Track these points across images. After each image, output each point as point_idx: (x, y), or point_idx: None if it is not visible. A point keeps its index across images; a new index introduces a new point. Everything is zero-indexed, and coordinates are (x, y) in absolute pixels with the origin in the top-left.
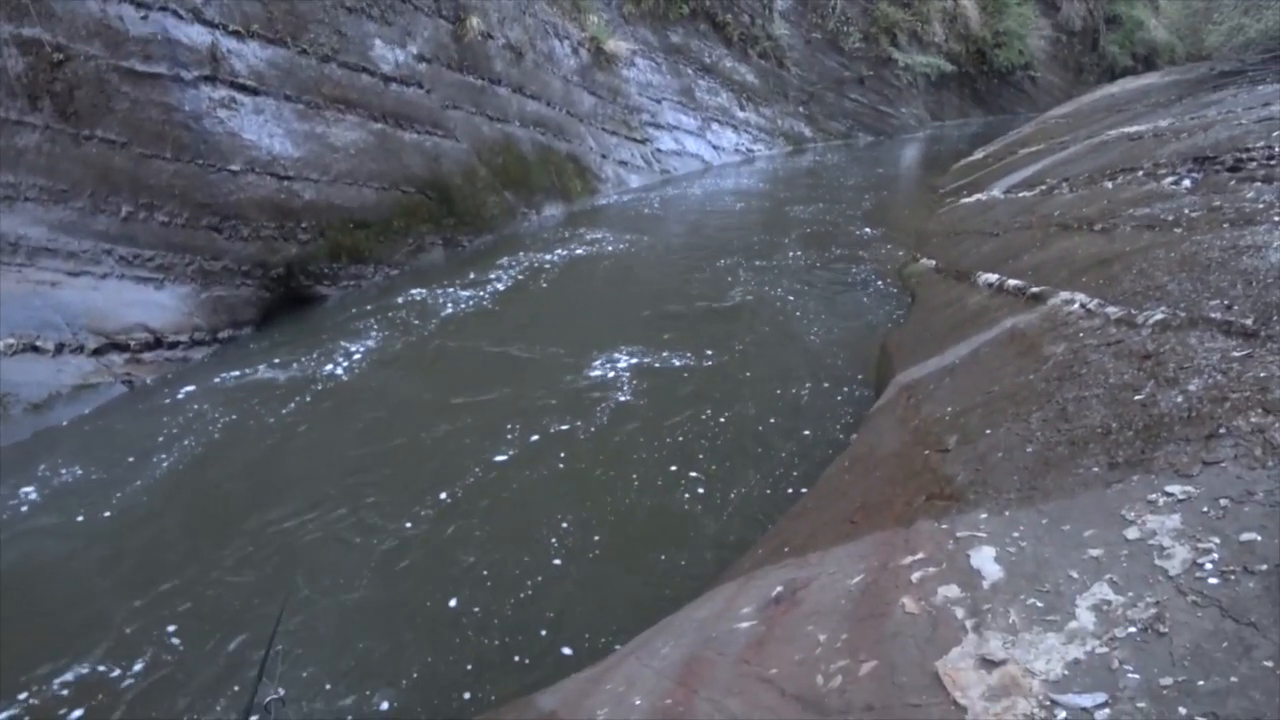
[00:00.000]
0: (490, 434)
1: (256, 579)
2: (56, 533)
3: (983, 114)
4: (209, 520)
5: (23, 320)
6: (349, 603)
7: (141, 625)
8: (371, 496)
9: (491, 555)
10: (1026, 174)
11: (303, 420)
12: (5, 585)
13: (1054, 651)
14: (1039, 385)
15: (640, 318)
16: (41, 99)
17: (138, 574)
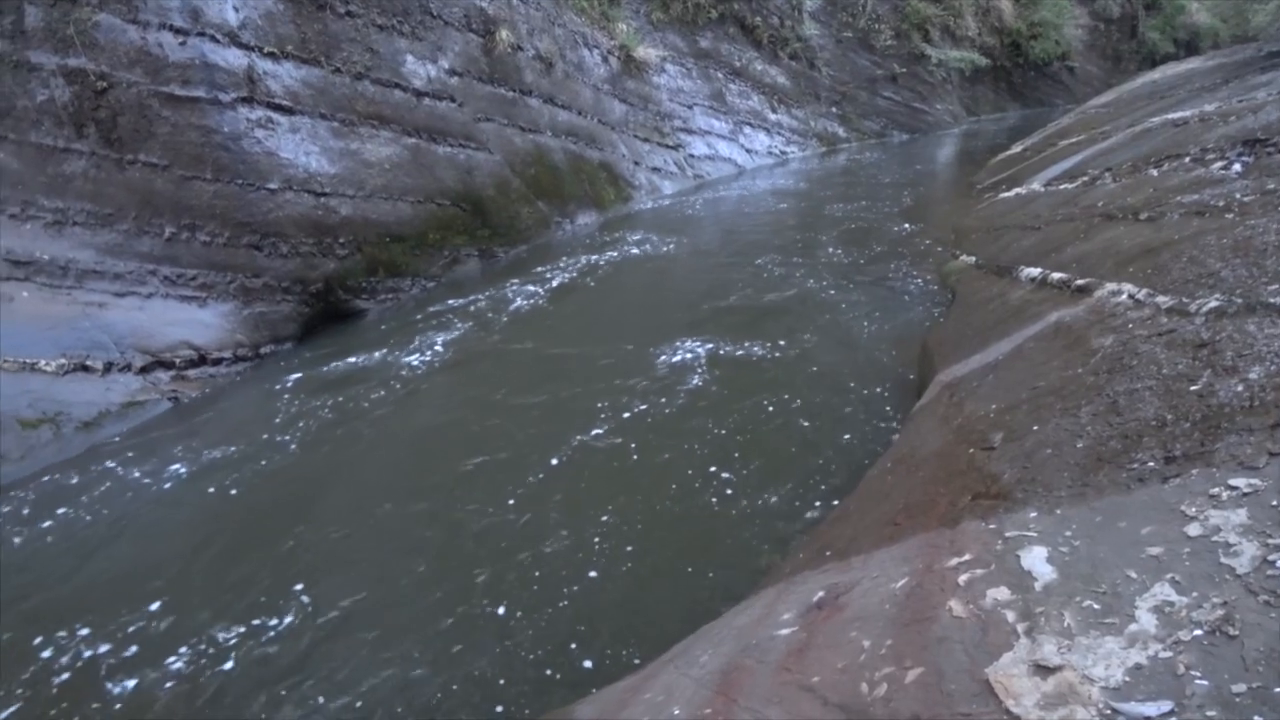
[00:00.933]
0: (531, 439)
1: (298, 583)
2: (103, 543)
3: (1019, 107)
4: (254, 529)
5: (73, 341)
6: (390, 606)
7: (183, 630)
8: (414, 504)
9: (532, 561)
10: (1067, 165)
11: (346, 430)
12: (54, 588)
13: (1114, 656)
14: (1087, 379)
15: (678, 320)
16: (87, 126)
17: (179, 582)
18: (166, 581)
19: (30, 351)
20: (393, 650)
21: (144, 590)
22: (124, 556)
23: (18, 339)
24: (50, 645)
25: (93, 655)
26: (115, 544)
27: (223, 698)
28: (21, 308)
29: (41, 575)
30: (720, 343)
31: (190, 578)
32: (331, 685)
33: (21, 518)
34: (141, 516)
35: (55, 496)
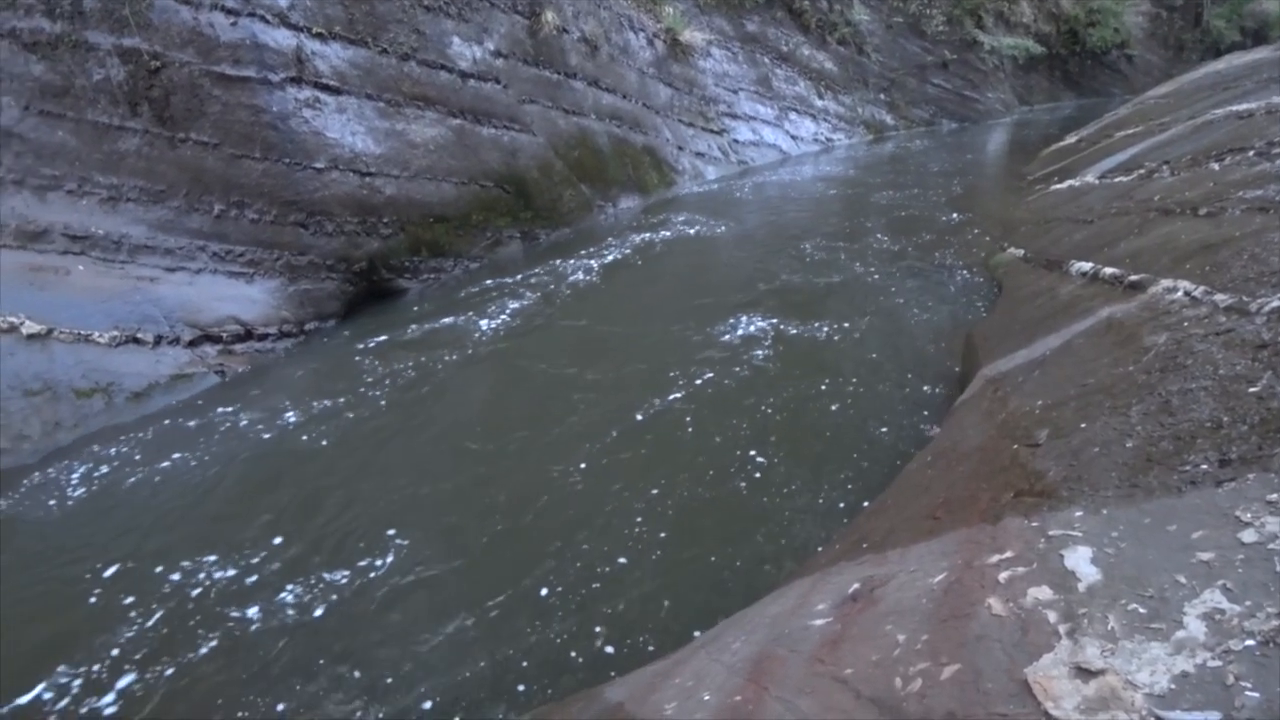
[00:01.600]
0: (574, 417)
1: (343, 551)
2: (153, 509)
3: (1074, 97)
4: (303, 496)
5: (125, 314)
6: (424, 582)
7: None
8: (454, 480)
9: (572, 538)
10: (1123, 158)
11: (391, 405)
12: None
13: (1159, 663)
14: (1139, 377)
15: (721, 304)
16: (140, 105)
17: (229, 555)
18: (231, 534)
19: (84, 323)
20: (423, 624)
21: (208, 542)
22: (181, 516)
23: (73, 311)
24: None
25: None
26: (169, 503)
27: (268, 657)
28: (77, 281)
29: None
30: (763, 327)
31: (247, 536)
32: (376, 650)
33: (83, 478)
34: (188, 482)
35: (120, 456)
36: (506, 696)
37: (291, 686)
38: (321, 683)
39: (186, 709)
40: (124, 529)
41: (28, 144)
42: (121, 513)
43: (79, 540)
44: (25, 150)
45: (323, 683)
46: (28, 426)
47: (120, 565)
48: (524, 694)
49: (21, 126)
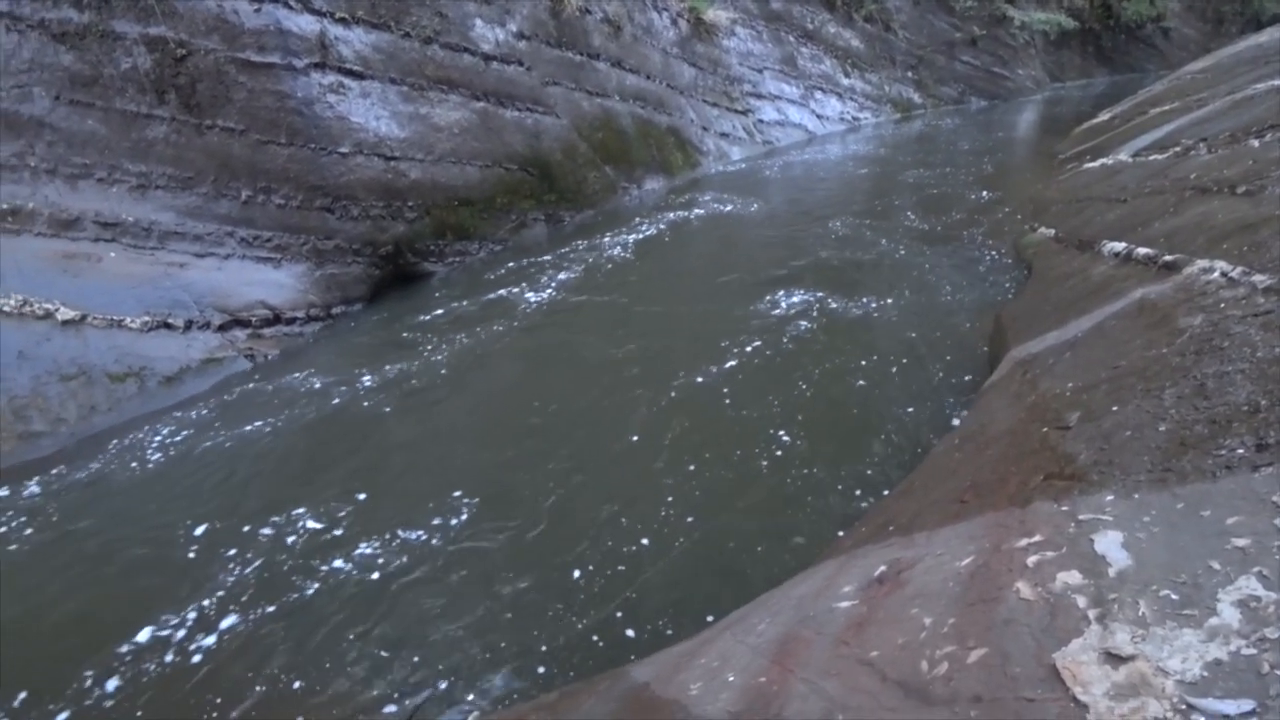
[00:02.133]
0: (601, 397)
1: (376, 525)
2: (223, 476)
3: (1108, 73)
4: (352, 467)
5: (156, 300)
6: (453, 560)
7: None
8: (480, 462)
9: (600, 516)
10: (1158, 135)
11: (419, 385)
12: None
13: (1191, 650)
14: (1173, 360)
15: (746, 285)
16: (167, 93)
17: (306, 514)
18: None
19: (117, 309)
20: (453, 602)
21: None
22: (203, 495)
23: (105, 297)
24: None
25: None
26: (239, 471)
27: (330, 613)
28: (109, 267)
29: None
30: (790, 307)
31: (320, 497)
32: (411, 621)
33: (158, 447)
34: (220, 463)
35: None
36: (534, 672)
37: (348, 641)
38: (376, 639)
39: (273, 652)
40: (202, 493)
41: (59, 133)
42: (197, 479)
43: (163, 502)
44: (56, 139)
45: (377, 639)
46: (64, 410)
47: (209, 524)
48: (552, 670)
49: (53, 116)
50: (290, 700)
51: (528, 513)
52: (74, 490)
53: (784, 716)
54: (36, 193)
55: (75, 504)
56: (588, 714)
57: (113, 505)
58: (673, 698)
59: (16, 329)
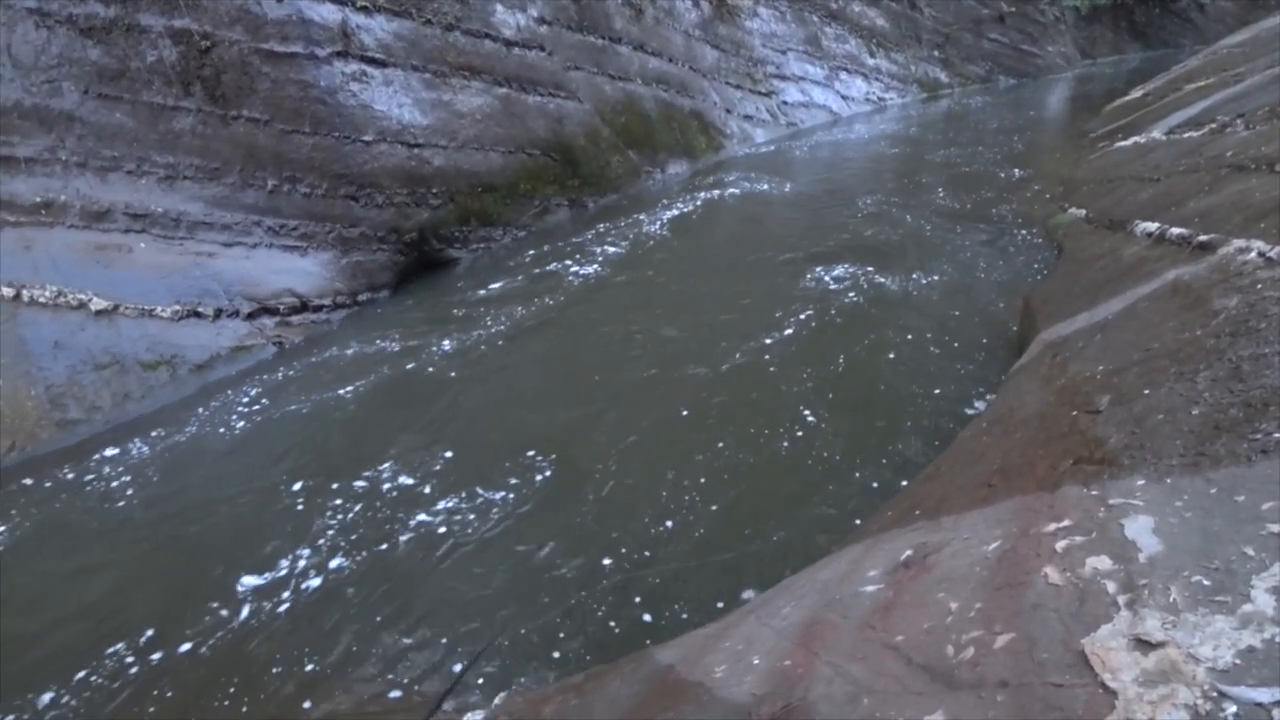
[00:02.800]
0: (628, 378)
1: (407, 505)
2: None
3: (1140, 49)
4: (366, 455)
5: (185, 289)
6: (481, 543)
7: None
8: (508, 443)
9: (625, 502)
10: (1193, 112)
11: (445, 371)
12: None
13: (1223, 636)
14: (1207, 342)
15: (772, 266)
16: (193, 84)
17: (292, 507)
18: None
19: (148, 298)
20: (480, 583)
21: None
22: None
23: (136, 287)
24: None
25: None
26: (310, 438)
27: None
28: (139, 258)
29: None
30: (817, 289)
31: (388, 462)
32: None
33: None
34: (257, 445)
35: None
36: (552, 658)
37: (381, 621)
38: (412, 617)
39: (299, 633)
40: (275, 458)
41: (88, 127)
42: (270, 445)
43: (243, 466)
44: (86, 133)
45: (413, 617)
46: (99, 398)
47: (302, 481)
48: (574, 656)
49: (82, 110)
50: (322, 680)
51: (559, 490)
52: (150, 462)
53: (809, 699)
54: (68, 185)
55: (150, 477)
56: (613, 695)
57: (185, 479)
58: (697, 680)
59: (52, 319)
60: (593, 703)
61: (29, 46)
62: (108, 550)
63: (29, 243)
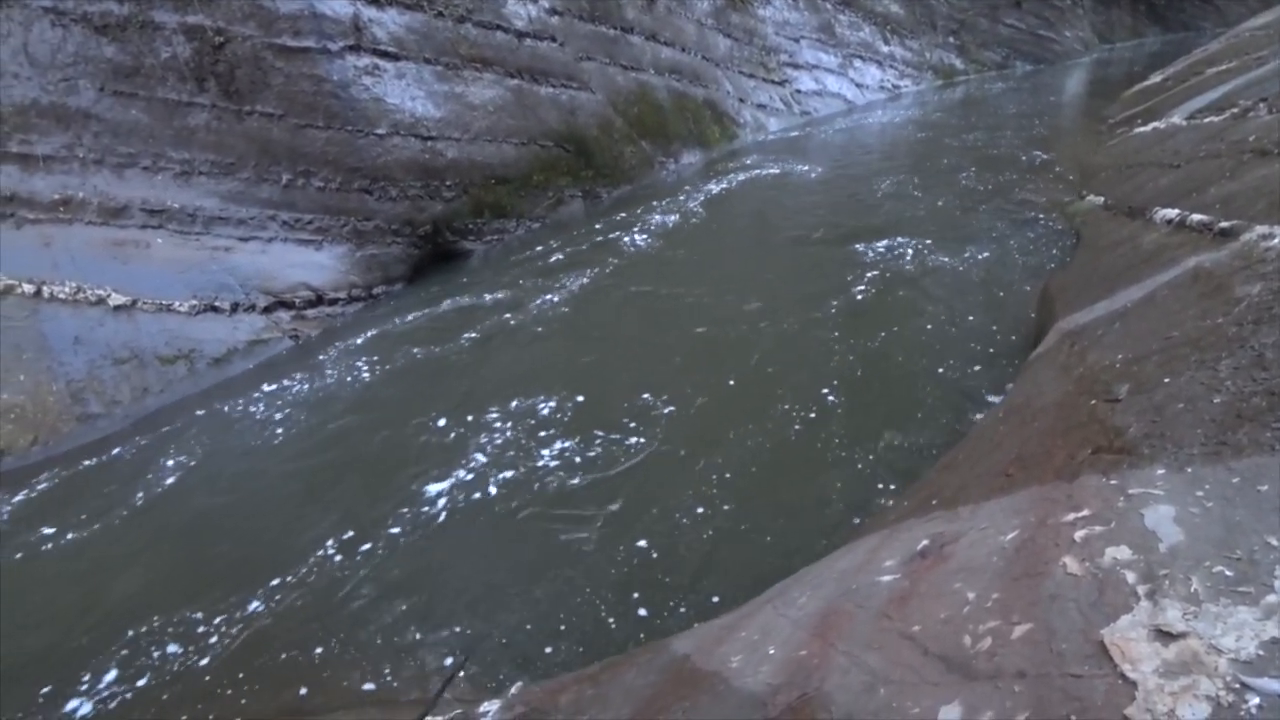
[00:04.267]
0: (637, 373)
1: (427, 493)
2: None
3: (1160, 32)
4: (379, 445)
5: (202, 283)
6: (496, 534)
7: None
8: (524, 429)
9: (634, 497)
10: (1214, 96)
11: (460, 362)
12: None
13: (1246, 628)
14: (1229, 330)
15: (787, 254)
16: (207, 80)
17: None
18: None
19: (165, 294)
20: (492, 569)
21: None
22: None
23: (154, 282)
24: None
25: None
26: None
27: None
28: (157, 253)
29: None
30: (832, 277)
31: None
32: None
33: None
34: (274, 439)
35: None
36: (565, 648)
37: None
38: (432, 604)
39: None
40: (293, 451)
41: (105, 124)
42: (287, 438)
43: (261, 460)
44: (103, 130)
45: (433, 605)
46: (119, 393)
47: (321, 472)
48: (588, 646)
49: (98, 107)
50: (336, 668)
51: (579, 473)
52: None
53: (825, 689)
54: (85, 182)
55: (169, 471)
56: (629, 685)
57: (204, 473)
58: (713, 670)
59: (72, 315)
60: (609, 692)
61: (45, 45)
62: (127, 544)
63: (48, 239)
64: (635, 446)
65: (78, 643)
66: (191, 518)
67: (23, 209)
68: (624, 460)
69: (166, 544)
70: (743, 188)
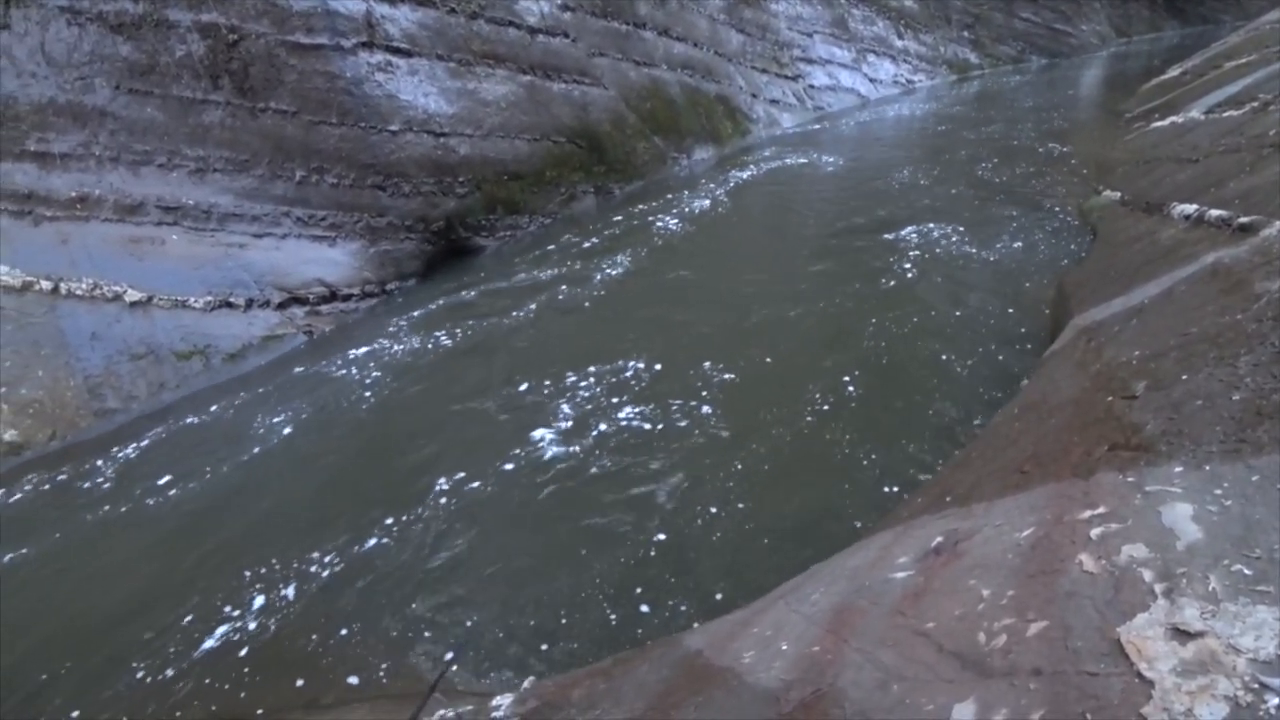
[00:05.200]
0: (650, 364)
1: (441, 481)
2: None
3: (1179, 26)
4: (393, 436)
5: (218, 280)
6: (505, 526)
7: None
8: (539, 422)
9: (645, 488)
10: (1234, 90)
11: (475, 356)
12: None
13: (1265, 627)
14: (1248, 326)
15: (803, 249)
16: (221, 78)
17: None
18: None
19: (181, 290)
20: (508, 561)
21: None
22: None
23: (170, 278)
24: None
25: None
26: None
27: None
28: (172, 249)
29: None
30: (846, 278)
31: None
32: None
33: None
34: (291, 429)
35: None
36: (582, 641)
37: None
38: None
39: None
40: (308, 445)
41: (120, 122)
42: (301, 432)
43: (275, 452)
44: (119, 128)
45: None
46: (135, 388)
47: (337, 463)
48: (603, 641)
49: (114, 105)
50: (346, 655)
51: (593, 469)
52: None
53: (838, 686)
54: (102, 180)
55: (184, 466)
56: (641, 680)
57: (218, 467)
58: (726, 665)
59: (89, 311)
60: (621, 687)
61: (61, 44)
62: (139, 538)
63: (65, 236)
64: (650, 437)
65: (84, 633)
66: (206, 511)
67: (40, 206)
68: (639, 453)
69: (179, 537)
70: (755, 183)
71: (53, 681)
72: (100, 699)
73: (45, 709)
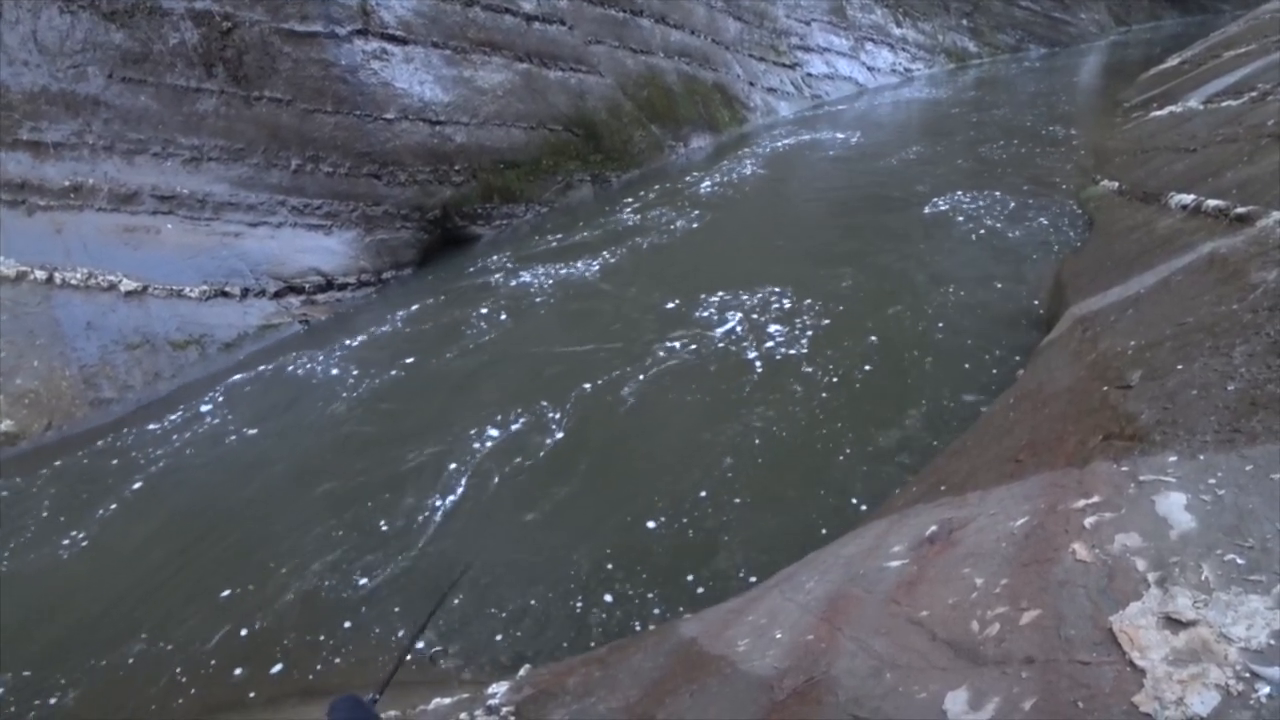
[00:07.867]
0: (645, 358)
1: (446, 475)
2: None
3: (1178, 15)
4: (388, 425)
5: (213, 269)
6: (509, 511)
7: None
8: (533, 409)
9: (644, 479)
10: (1232, 80)
11: (470, 344)
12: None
13: (1257, 616)
14: (1244, 316)
15: (800, 239)
16: (215, 66)
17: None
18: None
19: (176, 279)
20: (506, 552)
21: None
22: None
23: (165, 268)
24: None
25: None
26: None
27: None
28: (167, 239)
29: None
30: (842, 267)
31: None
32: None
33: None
34: (278, 421)
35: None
36: (576, 627)
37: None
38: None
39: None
40: (305, 434)
41: (114, 110)
42: (299, 421)
43: (272, 442)
44: (112, 117)
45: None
46: (131, 377)
47: (332, 455)
48: (598, 627)
49: (107, 94)
50: (348, 640)
51: (588, 452)
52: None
53: (831, 674)
54: (96, 169)
55: (181, 454)
56: (636, 667)
57: (215, 455)
58: (720, 653)
59: (84, 301)
60: (616, 674)
61: (54, 32)
62: (135, 528)
63: (60, 226)
64: (645, 426)
65: (79, 622)
66: (201, 502)
67: (34, 196)
68: (632, 440)
69: (175, 527)
70: (751, 172)
71: (47, 663)
72: (95, 684)
73: (41, 688)
